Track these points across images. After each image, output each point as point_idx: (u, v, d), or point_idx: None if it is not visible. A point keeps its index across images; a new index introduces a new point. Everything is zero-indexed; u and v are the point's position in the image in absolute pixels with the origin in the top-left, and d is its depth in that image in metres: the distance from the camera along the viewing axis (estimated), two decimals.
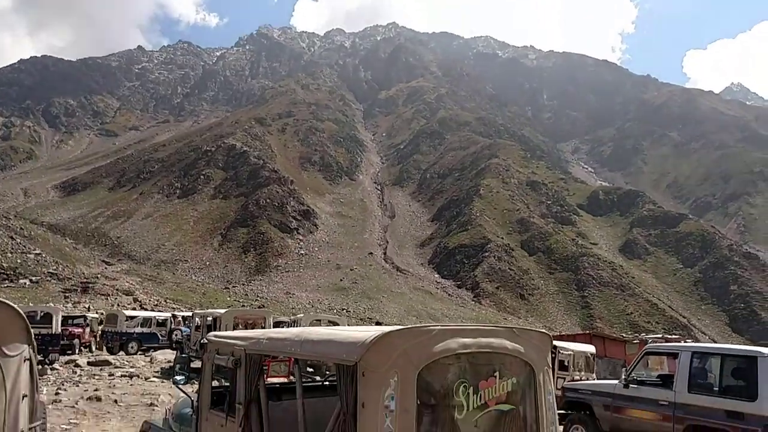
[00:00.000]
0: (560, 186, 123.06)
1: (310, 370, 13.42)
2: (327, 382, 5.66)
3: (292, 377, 6.33)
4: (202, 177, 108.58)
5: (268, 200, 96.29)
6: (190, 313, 27.73)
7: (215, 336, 5.10)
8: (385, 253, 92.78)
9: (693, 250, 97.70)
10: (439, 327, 3.72)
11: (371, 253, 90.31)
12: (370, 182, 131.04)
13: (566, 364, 16.01)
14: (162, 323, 27.34)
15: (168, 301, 50.40)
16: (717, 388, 8.10)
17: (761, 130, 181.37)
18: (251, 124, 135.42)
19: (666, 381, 8.81)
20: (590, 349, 17.91)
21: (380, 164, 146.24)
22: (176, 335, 25.57)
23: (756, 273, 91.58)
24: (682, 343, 11.80)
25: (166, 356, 23.00)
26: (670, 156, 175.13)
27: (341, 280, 77.59)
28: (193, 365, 15.92)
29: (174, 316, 29.92)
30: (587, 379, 14.81)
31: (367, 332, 3.58)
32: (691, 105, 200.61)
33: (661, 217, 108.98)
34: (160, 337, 26.64)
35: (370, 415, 3.30)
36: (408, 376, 3.41)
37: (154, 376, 18.22)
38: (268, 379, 5.99)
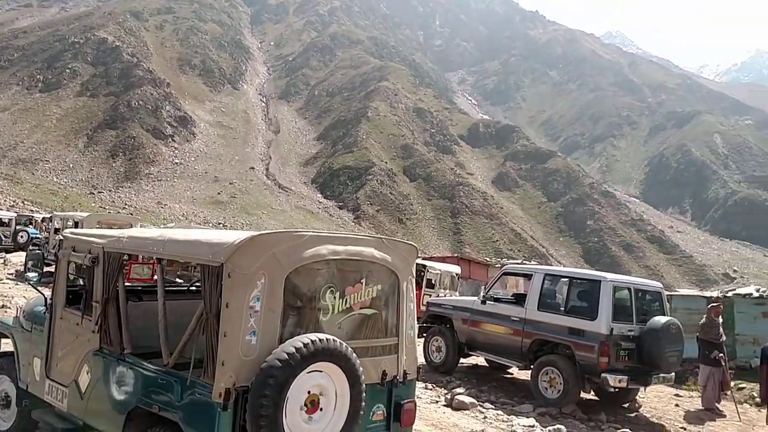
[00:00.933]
0: (444, 116, 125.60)
1: (179, 281, 13.11)
2: (193, 287, 5.54)
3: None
4: (68, 71, 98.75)
5: (140, 102, 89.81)
6: (49, 215, 25.85)
7: (72, 233, 4.77)
8: (267, 169, 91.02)
9: (558, 186, 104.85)
10: (310, 233, 3.75)
11: (252, 168, 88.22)
12: (254, 93, 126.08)
13: (433, 282, 16.89)
14: (7, 224, 25.31)
15: (26, 203, 46.64)
16: (563, 308, 8.87)
17: (632, 77, 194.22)
18: (126, 17, 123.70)
19: (519, 299, 9.52)
20: (456, 269, 19.00)
21: (266, 75, 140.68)
22: (22, 237, 23.91)
23: (611, 210, 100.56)
24: (536, 266, 12.77)
25: (22, 259, 21.51)
26: (548, 95, 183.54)
27: (219, 193, 75.46)
28: (51, 269, 14.98)
29: (32, 220, 27.88)
30: (451, 297, 15.73)
31: (234, 235, 3.54)
32: (572, 46, 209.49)
33: (533, 152, 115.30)
34: (3, 238, 24.65)
35: (234, 314, 3.30)
36: (276, 279, 3.43)
37: (8, 278, 16.99)
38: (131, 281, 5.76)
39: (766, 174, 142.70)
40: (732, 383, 10.57)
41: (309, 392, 3.45)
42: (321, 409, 3.52)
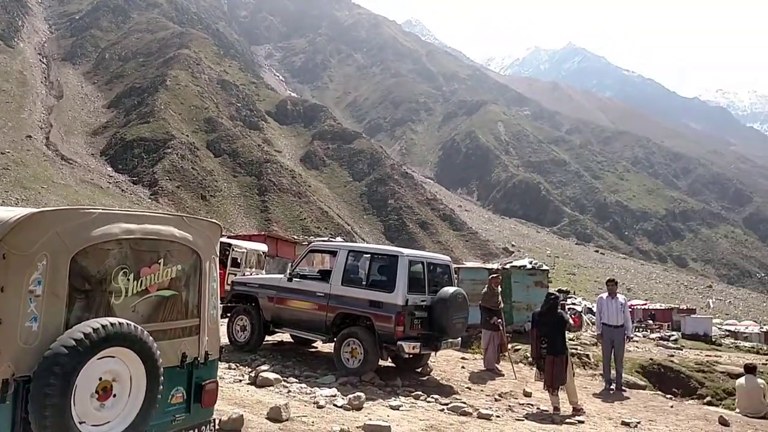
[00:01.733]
0: (251, 90, 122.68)
1: None
2: None
3: None
4: None
5: None
6: None
7: None
8: (47, 138, 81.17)
9: (362, 166, 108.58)
10: (100, 210, 3.50)
11: (30, 137, 78.09)
12: (33, 52, 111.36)
13: (239, 261, 16.59)
14: None
15: None
16: (365, 282, 9.29)
17: (430, 65, 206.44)
18: None
19: (324, 275, 9.76)
20: (262, 248, 18.85)
21: (48, 33, 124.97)
22: None
23: (410, 190, 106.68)
24: (341, 242, 13.20)
25: None
26: (353, 77, 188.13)
27: None
28: None
29: None
30: (257, 275, 15.60)
31: (11, 212, 3.18)
32: (376, 31, 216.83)
33: (340, 133, 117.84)
34: None
35: (11, 299, 3.02)
36: (59, 261, 3.18)
37: None
38: None
39: (539, 160, 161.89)
40: (509, 345, 11.96)
41: (101, 379, 3.27)
42: (114, 396, 3.35)
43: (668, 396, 10.78)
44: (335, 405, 6.89)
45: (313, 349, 10.85)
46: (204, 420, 4.04)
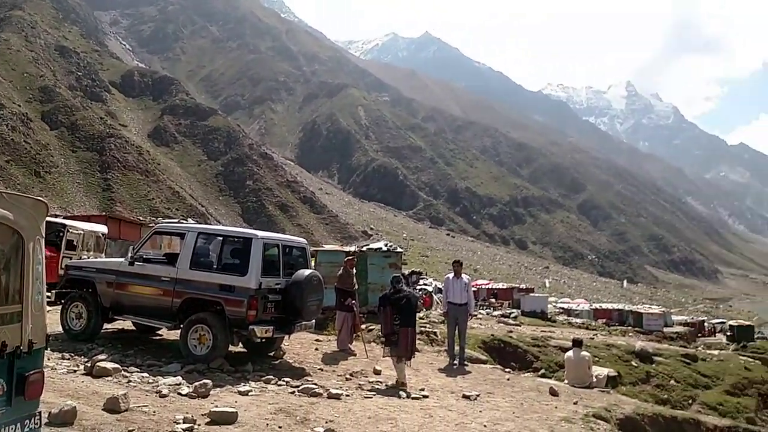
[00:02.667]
0: (94, 58, 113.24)
1: None
2: None
3: None
4: None
5: None
6: None
7: None
8: None
9: (218, 145, 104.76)
10: None
11: None
12: None
13: (75, 243, 15.34)
14: None
15: None
16: (216, 266, 8.99)
17: (290, 44, 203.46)
18: None
19: (171, 259, 9.31)
20: (102, 229, 17.59)
21: None
22: None
23: (269, 171, 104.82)
24: (190, 224, 12.63)
25: None
26: (208, 50, 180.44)
27: None
28: None
29: None
30: (95, 259, 14.53)
31: None
32: (232, 4, 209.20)
33: (193, 108, 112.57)
34: None
35: None
36: None
37: None
38: None
39: (398, 145, 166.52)
40: (363, 326, 12.21)
41: None
42: None
43: (507, 369, 11.64)
44: (179, 393, 6.65)
45: (158, 337, 10.36)
46: (28, 413, 3.75)
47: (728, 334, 42.76)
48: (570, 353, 11.04)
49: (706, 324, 58.56)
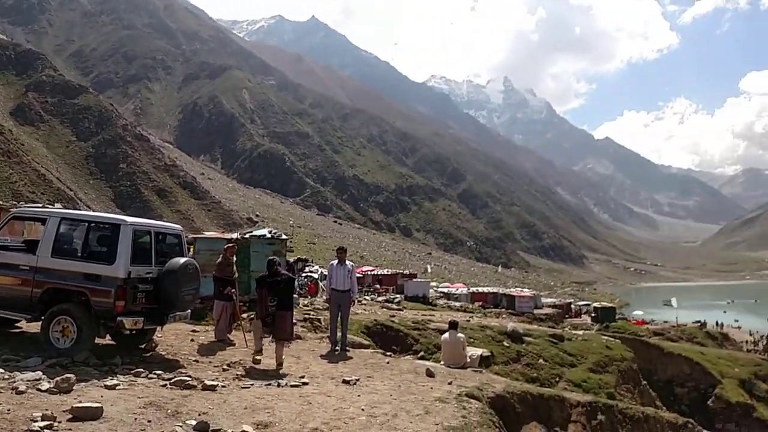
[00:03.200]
0: None
1: None
2: None
3: None
4: None
5: None
6: None
7: None
8: None
9: (89, 125, 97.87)
10: None
11: None
12: None
13: None
14: None
15: None
16: (81, 253, 8.41)
17: (168, 21, 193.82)
18: None
19: (31, 246, 8.61)
20: None
21: None
22: None
23: (145, 154, 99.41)
24: (53, 209, 11.73)
25: None
26: (77, 24, 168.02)
27: None
28: None
29: None
30: None
31: None
32: None
33: (61, 85, 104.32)
34: None
35: None
36: None
37: None
38: None
39: (284, 131, 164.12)
40: (245, 315, 11.94)
41: None
42: None
43: (388, 353, 11.88)
44: (39, 389, 6.18)
45: (16, 330, 9.55)
46: None
47: (593, 315, 46.53)
48: (446, 335, 11.46)
49: (572, 306, 63.37)
